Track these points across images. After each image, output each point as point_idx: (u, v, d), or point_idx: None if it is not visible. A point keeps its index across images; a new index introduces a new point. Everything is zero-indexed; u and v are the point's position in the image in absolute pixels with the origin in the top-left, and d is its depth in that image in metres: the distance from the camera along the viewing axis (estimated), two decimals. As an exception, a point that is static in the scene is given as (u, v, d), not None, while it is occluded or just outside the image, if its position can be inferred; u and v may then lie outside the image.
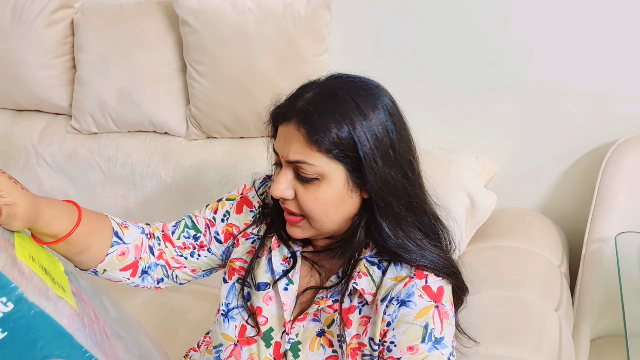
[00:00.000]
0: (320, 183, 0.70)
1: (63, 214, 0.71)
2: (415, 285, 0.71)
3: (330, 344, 0.76)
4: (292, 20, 1.18)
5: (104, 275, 0.80)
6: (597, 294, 1.09)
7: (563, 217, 1.24)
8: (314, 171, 0.70)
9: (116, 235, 0.79)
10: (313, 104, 0.70)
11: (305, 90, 0.74)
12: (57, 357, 0.56)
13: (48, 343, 0.55)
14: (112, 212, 1.45)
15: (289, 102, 0.74)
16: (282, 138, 0.73)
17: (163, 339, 1.22)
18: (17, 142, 1.51)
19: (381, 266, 0.75)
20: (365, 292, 0.73)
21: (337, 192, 0.71)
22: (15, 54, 1.44)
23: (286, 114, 0.72)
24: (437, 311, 0.70)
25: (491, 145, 1.23)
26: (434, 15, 1.17)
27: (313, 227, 0.74)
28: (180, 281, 0.90)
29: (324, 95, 0.72)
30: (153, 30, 1.34)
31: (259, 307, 0.79)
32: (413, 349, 0.68)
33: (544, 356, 0.83)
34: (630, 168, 1.08)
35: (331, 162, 0.70)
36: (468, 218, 1.10)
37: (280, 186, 0.72)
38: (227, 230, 0.87)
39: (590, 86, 1.11)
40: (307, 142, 0.69)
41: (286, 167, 0.73)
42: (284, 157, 0.72)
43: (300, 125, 0.70)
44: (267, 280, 0.80)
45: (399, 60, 1.23)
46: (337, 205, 0.72)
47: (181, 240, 0.87)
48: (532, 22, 1.11)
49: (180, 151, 1.35)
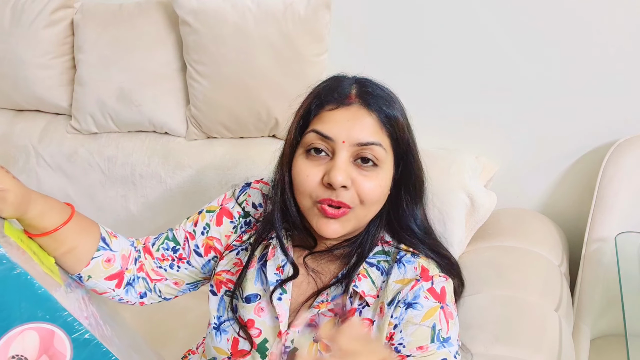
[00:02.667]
0: (378, 170, 0.71)
1: (54, 208, 0.72)
2: (422, 288, 0.72)
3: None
4: (292, 20, 1.18)
5: (89, 283, 0.79)
6: (597, 294, 1.09)
7: (563, 217, 1.24)
8: (381, 156, 0.71)
9: (103, 241, 0.80)
10: (375, 91, 0.73)
11: (347, 80, 0.76)
12: (40, 319, 0.56)
13: (30, 304, 0.56)
14: (112, 212, 1.47)
15: (338, 89, 0.73)
16: (343, 122, 0.70)
17: (162, 339, 1.22)
18: (17, 142, 1.51)
19: (380, 267, 0.76)
20: (366, 295, 0.73)
21: (388, 180, 0.74)
22: (15, 54, 1.44)
23: (344, 98, 0.72)
24: (442, 312, 0.71)
25: (491, 145, 1.23)
26: (434, 15, 1.17)
27: (357, 218, 0.73)
28: (165, 295, 0.88)
29: (378, 89, 0.75)
30: (153, 30, 1.34)
31: (250, 320, 0.78)
32: (423, 348, 0.68)
33: (544, 356, 0.83)
34: (630, 168, 1.08)
35: (391, 152, 0.73)
36: (468, 218, 1.09)
37: (342, 174, 0.68)
38: (207, 243, 0.86)
39: (590, 86, 1.11)
40: (380, 125, 0.71)
41: (343, 152, 0.70)
42: (347, 141, 0.70)
43: (371, 110, 0.71)
44: (257, 291, 0.79)
45: (399, 61, 1.23)
46: (385, 194, 0.74)
47: (160, 252, 0.86)
48: (533, 22, 1.11)
49: (180, 151, 1.35)
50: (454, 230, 1.07)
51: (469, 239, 1.13)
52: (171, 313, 1.29)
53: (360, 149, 0.70)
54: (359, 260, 0.76)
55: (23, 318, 0.55)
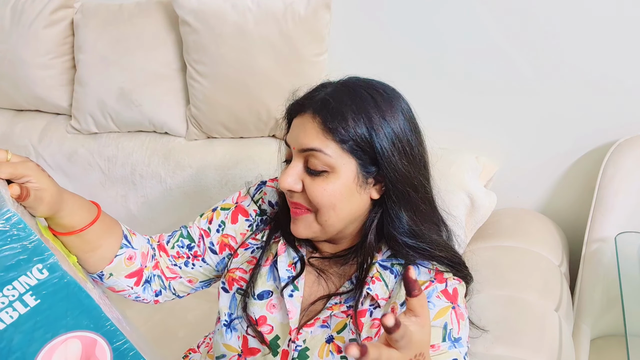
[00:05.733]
0: (329, 175, 0.70)
1: (83, 207, 0.73)
2: (436, 289, 0.72)
3: (338, 350, 0.75)
4: (292, 20, 1.18)
5: (109, 281, 0.80)
6: (597, 294, 1.09)
7: (563, 217, 1.24)
8: (326, 162, 0.70)
9: (125, 239, 0.80)
10: (331, 95, 0.72)
11: (323, 86, 0.75)
12: (85, 328, 0.56)
13: (77, 314, 0.56)
14: (112, 212, 1.44)
15: (306, 96, 0.75)
16: (295, 129, 0.73)
17: (163, 338, 1.22)
18: (17, 142, 1.51)
19: (394, 270, 0.75)
20: (379, 298, 0.73)
21: (346, 185, 0.71)
22: (15, 54, 1.44)
23: (303, 106, 0.73)
24: (454, 312, 0.71)
25: (491, 145, 1.23)
26: (434, 15, 1.17)
27: (318, 222, 0.73)
28: (178, 293, 0.89)
29: (343, 89, 0.73)
30: (153, 30, 1.34)
31: (262, 317, 0.78)
32: (434, 347, 0.68)
33: (544, 356, 0.83)
34: (630, 168, 1.08)
35: (344, 155, 0.70)
36: (468, 218, 1.09)
37: (289, 178, 0.72)
38: (222, 241, 0.86)
39: (591, 86, 1.11)
40: (322, 131, 0.70)
41: (297, 159, 0.72)
42: (296, 147, 0.72)
43: (316, 114, 0.70)
44: (270, 288, 0.79)
45: (399, 61, 1.23)
46: (345, 200, 0.71)
47: (175, 250, 0.86)
48: (533, 22, 1.11)
49: (180, 151, 1.35)
50: (454, 230, 1.06)
51: (469, 239, 1.13)
52: (171, 313, 1.29)
53: (306, 154, 0.71)
54: (370, 263, 0.75)
55: (69, 326, 0.55)
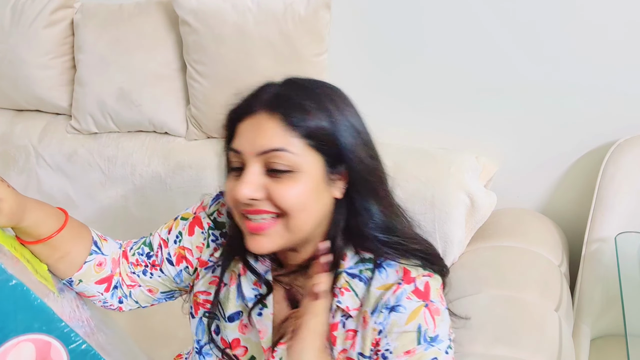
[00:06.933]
0: (294, 175, 0.65)
1: (49, 215, 0.72)
2: (405, 292, 0.68)
3: None
4: (292, 20, 1.18)
5: (79, 287, 0.79)
6: (597, 294, 1.09)
7: (563, 217, 1.24)
8: (290, 161, 0.64)
9: (95, 245, 0.80)
10: (284, 92, 0.68)
11: (268, 86, 0.71)
12: (37, 330, 0.56)
13: (27, 317, 0.55)
14: (112, 212, 1.46)
15: (250, 98, 0.70)
16: (248, 132, 0.67)
17: (163, 338, 1.22)
18: (17, 142, 1.51)
19: (363, 277, 0.71)
20: (350, 309, 0.70)
21: (314, 183, 0.66)
22: (15, 54, 1.44)
23: (250, 106, 0.68)
24: (427, 310, 0.68)
25: (491, 145, 1.23)
26: (434, 15, 1.17)
27: (289, 230, 0.66)
28: (141, 303, 0.86)
29: (293, 86, 0.69)
30: (153, 30, 1.34)
31: (235, 339, 0.75)
32: (410, 352, 0.66)
33: (544, 356, 0.83)
34: (630, 168, 1.08)
35: (309, 151, 0.66)
36: (468, 218, 1.10)
37: (247, 187, 0.64)
38: (179, 252, 0.82)
39: (590, 86, 1.11)
40: (284, 127, 0.65)
41: (253, 163, 0.66)
42: (252, 151, 0.65)
43: (273, 112, 0.65)
44: (239, 308, 0.76)
45: (399, 61, 1.23)
46: (314, 199, 0.66)
47: (135, 257, 0.84)
48: (533, 22, 1.11)
49: (180, 151, 1.35)
50: (454, 230, 1.07)
51: (469, 239, 1.14)
52: (171, 313, 1.29)
53: (266, 157, 0.65)
54: (335, 273, 0.70)
55: (19, 330, 0.55)
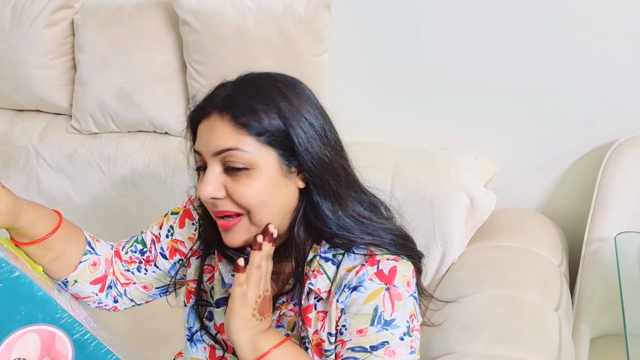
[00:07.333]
0: (251, 172, 0.67)
1: (44, 216, 0.73)
2: (367, 273, 0.69)
3: None
4: (292, 20, 1.18)
5: (74, 288, 0.80)
6: (597, 293, 1.09)
7: (563, 217, 1.24)
8: (245, 159, 0.66)
9: (89, 245, 0.81)
10: (234, 92, 0.69)
11: (222, 86, 0.72)
12: (41, 321, 0.56)
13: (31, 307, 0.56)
14: (112, 212, 1.46)
15: (206, 99, 0.72)
16: (203, 134, 0.69)
17: (163, 338, 1.22)
18: (17, 142, 1.51)
19: (335, 261, 0.72)
20: (322, 292, 0.71)
21: (271, 178, 0.68)
22: (15, 54, 1.44)
23: (205, 109, 0.70)
24: (387, 293, 0.68)
25: (491, 145, 1.23)
26: (434, 15, 1.17)
27: (253, 224, 0.69)
28: (136, 301, 0.88)
29: (244, 84, 0.70)
30: (153, 30, 1.34)
31: (222, 324, 0.76)
32: (362, 332, 0.67)
33: (544, 356, 0.83)
34: (630, 168, 1.08)
35: (262, 148, 0.67)
36: (468, 218, 1.10)
37: (209, 187, 0.67)
38: (172, 246, 0.85)
39: (590, 86, 1.11)
40: (234, 127, 0.66)
41: (212, 164, 0.68)
42: (209, 152, 0.68)
43: (223, 113, 0.67)
44: (225, 294, 0.78)
45: (399, 61, 1.23)
46: (273, 193, 0.68)
47: (128, 255, 0.86)
48: (533, 22, 1.11)
49: (181, 151, 1.35)
50: (454, 230, 1.07)
51: (469, 239, 1.13)
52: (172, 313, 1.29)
53: (222, 156, 0.67)
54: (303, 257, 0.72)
55: (23, 321, 0.55)
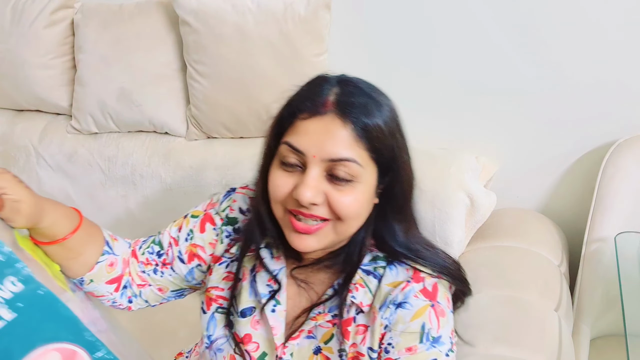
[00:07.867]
0: (355, 184, 0.66)
1: (65, 216, 0.72)
2: (413, 290, 0.70)
3: None
4: (292, 20, 1.18)
5: (89, 287, 0.79)
6: (597, 293, 1.09)
7: (563, 217, 1.24)
8: (356, 172, 0.65)
9: (107, 245, 0.80)
10: (350, 98, 0.66)
11: (329, 84, 0.68)
12: (63, 339, 0.55)
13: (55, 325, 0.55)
14: (112, 212, 1.46)
15: (315, 96, 0.67)
16: (315, 134, 0.65)
17: (163, 338, 1.22)
18: (17, 142, 1.51)
19: (377, 274, 0.73)
20: (364, 305, 0.71)
21: (370, 194, 0.68)
22: (15, 54, 1.44)
23: (318, 106, 0.66)
24: (433, 310, 0.69)
25: (491, 145, 1.23)
26: (434, 15, 1.17)
27: (336, 233, 0.68)
28: (151, 302, 0.86)
29: (358, 92, 0.67)
30: (153, 30, 1.34)
31: (247, 335, 0.75)
32: (412, 350, 0.67)
33: (544, 356, 0.84)
34: (630, 168, 1.08)
35: (370, 163, 0.67)
36: (468, 218, 1.10)
37: (309, 191, 0.64)
38: (191, 250, 0.82)
39: (590, 86, 1.11)
40: (355, 139, 0.65)
41: (315, 167, 0.65)
42: (318, 155, 0.64)
43: (345, 119, 0.64)
44: (252, 304, 0.76)
45: (399, 61, 1.23)
46: (366, 208, 0.69)
47: (145, 256, 0.84)
48: (532, 22, 1.11)
49: (181, 151, 1.35)
50: (454, 230, 1.07)
51: (469, 239, 1.14)
52: (172, 313, 1.29)
53: (332, 164, 0.65)
54: (353, 269, 0.73)
55: (46, 338, 0.54)
